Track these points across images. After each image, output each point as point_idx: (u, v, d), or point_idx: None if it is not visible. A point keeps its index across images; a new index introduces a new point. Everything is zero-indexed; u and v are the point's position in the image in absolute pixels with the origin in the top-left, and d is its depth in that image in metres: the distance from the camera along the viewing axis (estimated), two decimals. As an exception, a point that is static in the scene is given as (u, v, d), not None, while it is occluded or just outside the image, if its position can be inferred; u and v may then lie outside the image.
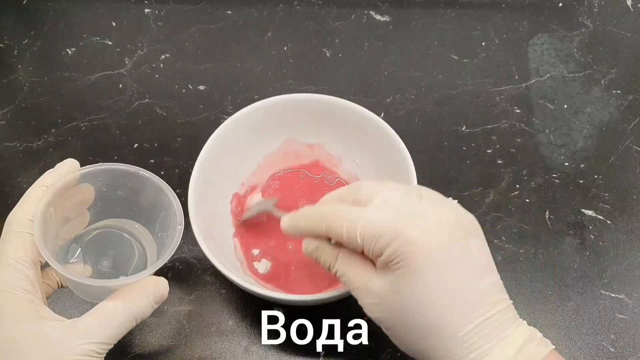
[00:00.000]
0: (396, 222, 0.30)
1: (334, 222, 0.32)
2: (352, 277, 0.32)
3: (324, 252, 0.33)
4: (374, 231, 0.30)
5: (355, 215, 0.31)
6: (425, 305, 0.29)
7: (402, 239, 0.29)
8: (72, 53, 0.59)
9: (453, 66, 0.58)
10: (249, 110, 0.45)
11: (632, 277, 0.46)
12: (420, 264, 0.29)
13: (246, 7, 0.62)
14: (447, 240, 0.30)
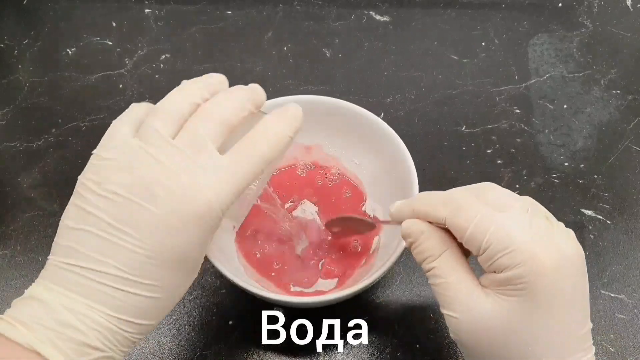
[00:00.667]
0: (533, 244, 0.27)
1: (462, 212, 0.28)
2: (453, 283, 0.29)
3: (430, 241, 0.29)
4: (505, 243, 0.27)
5: (490, 215, 0.27)
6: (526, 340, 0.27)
7: (535, 265, 0.26)
8: (72, 53, 0.59)
9: (453, 66, 0.58)
10: None
11: (632, 277, 0.46)
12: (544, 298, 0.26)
13: (246, 7, 0.62)
14: (574, 277, 0.27)
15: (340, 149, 0.48)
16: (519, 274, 0.27)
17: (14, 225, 0.49)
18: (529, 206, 0.29)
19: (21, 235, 0.48)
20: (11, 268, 0.47)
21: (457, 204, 0.29)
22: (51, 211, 0.49)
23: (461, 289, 0.28)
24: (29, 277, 0.46)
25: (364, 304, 0.44)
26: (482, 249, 0.27)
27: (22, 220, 0.49)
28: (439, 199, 0.30)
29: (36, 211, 0.49)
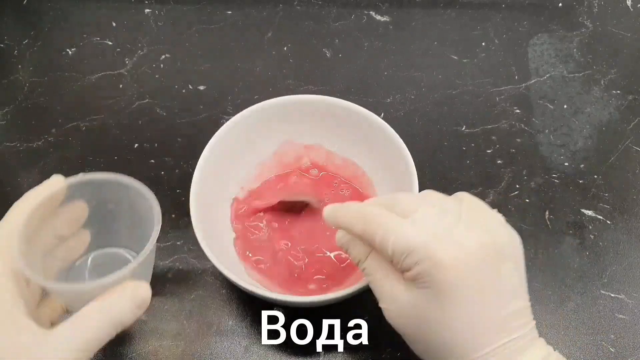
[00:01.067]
0: (429, 243, 0.30)
1: (370, 226, 0.32)
2: (379, 279, 0.32)
3: (356, 247, 0.34)
4: (405, 247, 0.30)
5: (391, 226, 0.31)
6: (445, 327, 0.30)
7: (431, 261, 0.29)
8: (72, 53, 0.59)
9: (453, 66, 0.58)
10: (249, 112, 0.45)
11: (632, 277, 0.46)
12: (445, 289, 0.29)
13: (246, 7, 0.62)
14: (478, 267, 0.30)
15: (341, 149, 0.48)
16: (419, 272, 0.30)
17: (14, 225, 0.48)
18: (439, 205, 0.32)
19: (21, 235, 0.48)
20: (11, 268, 0.46)
21: (367, 219, 0.32)
22: (51, 211, 0.49)
23: (386, 284, 0.32)
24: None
25: (364, 304, 0.44)
26: (389, 257, 0.31)
27: (22, 220, 0.49)
28: (354, 214, 0.33)
29: (36, 211, 0.49)
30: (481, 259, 0.30)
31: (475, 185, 0.50)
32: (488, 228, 0.31)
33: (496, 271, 0.30)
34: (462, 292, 0.29)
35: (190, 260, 0.47)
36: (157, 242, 0.47)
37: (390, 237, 0.30)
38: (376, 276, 0.33)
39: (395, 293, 0.31)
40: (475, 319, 0.29)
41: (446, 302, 0.29)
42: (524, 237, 0.47)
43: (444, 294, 0.29)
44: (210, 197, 0.43)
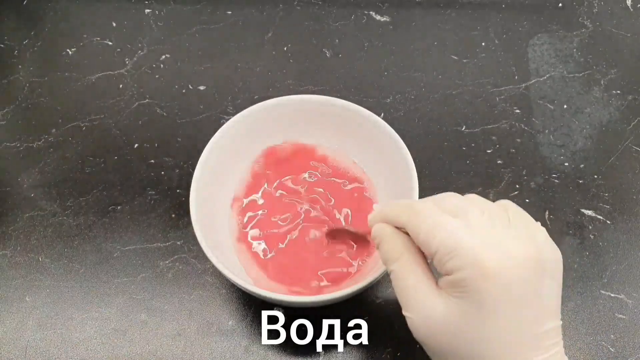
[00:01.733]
0: (477, 248, 0.28)
1: (418, 217, 0.30)
2: (410, 284, 0.30)
3: (392, 243, 0.32)
4: (452, 247, 0.28)
5: (440, 221, 0.29)
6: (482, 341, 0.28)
7: (477, 268, 0.28)
8: (73, 53, 0.59)
9: (453, 66, 0.58)
10: (248, 112, 0.45)
11: (632, 277, 0.46)
12: (488, 301, 0.28)
13: (246, 7, 0.62)
14: (523, 280, 0.28)
15: (340, 149, 0.48)
16: (463, 277, 0.28)
17: (14, 225, 0.49)
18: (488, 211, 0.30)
19: (21, 235, 0.48)
20: (11, 268, 0.47)
21: (415, 210, 0.31)
22: (51, 211, 0.49)
23: (417, 291, 0.30)
24: (28, 277, 0.46)
25: (364, 304, 0.44)
26: (432, 253, 0.29)
27: (22, 220, 0.49)
28: (403, 206, 0.32)
29: (36, 211, 0.49)
30: (527, 272, 0.28)
31: (475, 185, 0.50)
32: (535, 241, 0.30)
33: (539, 287, 0.29)
34: (504, 305, 0.28)
35: (190, 260, 0.47)
36: (157, 242, 0.48)
37: (438, 233, 0.29)
38: (406, 281, 0.30)
39: (426, 301, 0.29)
40: (512, 334, 0.28)
41: (486, 313, 0.28)
42: (524, 237, 0.48)
43: (485, 305, 0.28)
44: (210, 197, 0.43)
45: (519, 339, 0.28)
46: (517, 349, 0.28)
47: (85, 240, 0.48)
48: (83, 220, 0.49)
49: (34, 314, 0.45)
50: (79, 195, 0.50)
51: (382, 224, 0.33)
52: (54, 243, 0.48)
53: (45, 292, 0.45)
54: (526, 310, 0.28)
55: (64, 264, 0.47)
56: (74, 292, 0.45)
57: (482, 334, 0.28)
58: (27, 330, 0.44)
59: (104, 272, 0.46)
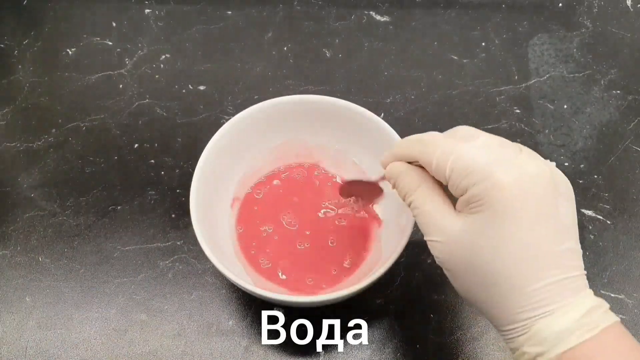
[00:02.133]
0: (490, 165, 0.28)
1: (429, 147, 0.31)
2: (429, 209, 0.31)
3: (408, 178, 0.33)
4: (465, 166, 0.29)
5: (451, 147, 0.30)
6: (499, 253, 0.28)
7: (490, 181, 0.28)
8: (72, 53, 0.59)
9: (453, 66, 0.58)
10: (249, 112, 0.45)
11: (632, 277, 0.46)
12: (502, 210, 0.28)
13: (246, 7, 0.62)
14: (537, 193, 0.28)
15: (340, 148, 0.48)
16: (477, 192, 0.28)
17: (14, 225, 0.49)
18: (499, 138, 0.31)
19: (21, 235, 0.48)
20: (11, 268, 0.47)
21: (426, 141, 0.31)
22: (51, 211, 0.49)
23: (436, 215, 0.31)
24: (29, 277, 0.46)
25: (364, 304, 0.44)
26: (447, 177, 0.30)
27: (22, 220, 0.49)
28: (413, 139, 0.33)
29: (36, 211, 0.49)
30: (541, 185, 0.28)
31: (475, 185, 0.50)
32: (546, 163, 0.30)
33: (553, 203, 0.29)
34: (520, 215, 0.28)
35: (190, 260, 0.47)
36: (157, 242, 0.48)
37: (449, 157, 0.29)
38: (425, 208, 0.31)
39: (445, 223, 0.30)
40: (528, 249, 0.28)
41: (502, 224, 0.28)
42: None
43: (501, 217, 0.28)
44: (210, 197, 0.43)
45: (536, 255, 0.28)
46: (534, 265, 0.28)
47: (85, 240, 0.48)
48: (83, 220, 0.49)
49: (34, 314, 0.45)
50: (79, 195, 0.50)
51: (395, 162, 0.34)
52: (54, 243, 0.48)
53: (45, 292, 0.45)
54: (543, 225, 0.28)
55: (64, 264, 0.47)
56: (74, 292, 0.45)
57: (499, 249, 0.28)
58: (27, 330, 0.44)
59: (104, 272, 0.46)
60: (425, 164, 0.31)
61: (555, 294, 0.28)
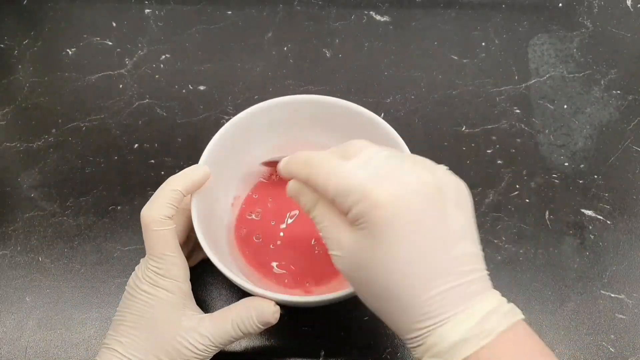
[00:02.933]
0: (368, 182, 0.28)
1: (314, 170, 0.31)
2: (327, 226, 0.31)
3: (306, 195, 0.33)
4: (345, 186, 0.29)
5: (333, 168, 0.30)
6: (387, 269, 0.28)
7: (368, 200, 0.28)
8: (72, 53, 0.59)
9: (453, 66, 0.58)
10: (249, 112, 0.45)
11: (632, 277, 0.46)
12: (383, 229, 0.28)
13: (246, 8, 0.62)
14: (418, 204, 0.28)
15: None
16: (357, 212, 0.28)
17: (14, 225, 0.49)
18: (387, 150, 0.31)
19: (21, 235, 0.48)
20: (11, 268, 0.47)
21: (311, 164, 0.32)
22: (51, 211, 0.49)
23: (333, 230, 0.31)
24: (29, 277, 0.46)
25: (363, 304, 0.44)
26: (331, 199, 0.30)
27: (22, 220, 0.49)
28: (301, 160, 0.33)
29: (36, 211, 0.49)
30: (422, 196, 0.28)
31: (475, 185, 0.50)
32: (431, 170, 0.30)
33: (439, 210, 0.29)
34: (401, 229, 0.28)
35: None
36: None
37: (331, 179, 0.30)
38: (324, 223, 0.31)
39: (341, 238, 0.30)
40: (417, 259, 0.28)
41: (384, 241, 0.28)
42: (524, 237, 0.48)
43: (382, 233, 0.28)
44: (211, 197, 0.43)
45: (429, 264, 0.28)
46: (428, 274, 0.28)
47: (85, 240, 0.48)
48: (83, 220, 0.49)
49: (34, 314, 0.45)
50: (79, 195, 0.50)
51: (292, 181, 0.34)
52: (54, 243, 0.48)
53: (45, 292, 0.45)
54: (426, 236, 0.28)
55: (64, 264, 0.47)
56: (74, 292, 0.45)
57: (386, 262, 0.28)
58: (27, 330, 0.44)
59: (104, 272, 0.46)
60: (313, 187, 0.32)
61: (449, 302, 0.28)
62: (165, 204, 0.37)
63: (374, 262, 0.28)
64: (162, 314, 0.36)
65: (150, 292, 0.36)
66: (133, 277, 0.38)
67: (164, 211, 0.37)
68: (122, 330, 0.36)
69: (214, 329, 0.36)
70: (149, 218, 0.37)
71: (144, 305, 0.36)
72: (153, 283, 0.36)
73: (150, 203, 0.38)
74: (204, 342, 0.35)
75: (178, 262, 0.37)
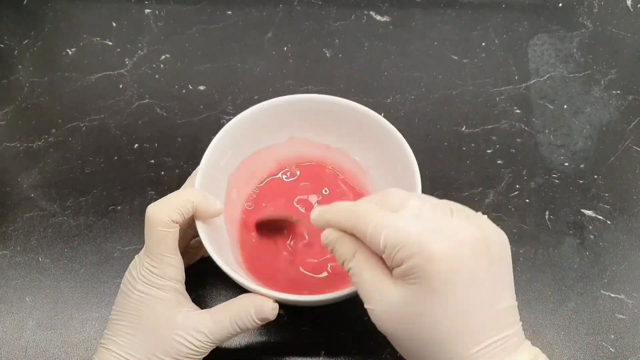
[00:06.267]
0: (422, 236, 0.29)
1: (361, 220, 0.31)
2: (367, 279, 0.31)
3: (344, 245, 0.33)
4: (397, 240, 0.29)
5: (382, 219, 0.30)
6: (437, 324, 0.29)
7: (424, 255, 0.28)
8: (73, 53, 0.59)
9: (453, 66, 0.58)
10: (250, 112, 0.45)
11: (632, 277, 0.46)
12: (438, 284, 0.28)
13: (246, 7, 0.62)
14: (470, 260, 0.29)
15: (341, 148, 0.48)
16: (412, 266, 0.29)
17: (14, 225, 0.49)
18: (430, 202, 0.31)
19: (21, 235, 0.48)
20: (11, 268, 0.47)
21: (357, 214, 0.32)
22: (51, 211, 0.49)
23: (374, 283, 0.31)
24: (29, 277, 0.46)
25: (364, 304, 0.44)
26: (381, 250, 0.30)
27: (22, 220, 0.49)
28: (344, 211, 0.33)
29: (36, 211, 0.49)
30: (473, 252, 0.29)
31: (475, 185, 0.50)
32: (478, 226, 0.31)
33: (487, 264, 0.29)
34: (455, 285, 0.28)
35: (190, 260, 0.47)
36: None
37: (382, 231, 0.30)
38: (363, 276, 0.31)
39: (383, 292, 0.30)
40: (467, 315, 0.29)
41: (438, 296, 0.28)
42: (524, 237, 0.48)
43: (436, 288, 0.28)
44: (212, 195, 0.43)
45: (473, 320, 0.29)
46: (475, 329, 0.29)
47: (85, 240, 0.48)
48: (83, 220, 0.49)
49: (34, 314, 0.45)
50: (79, 195, 0.50)
51: (329, 229, 0.34)
52: (54, 243, 0.48)
53: (45, 292, 0.45)
54: (477, 290, 0.29)
55: (64, 264, 0.47)
56: (74, 292, 0.45)
57: (437, 317, 0.29)
58: (27, 330, 0.44)
59: (104, 272, 0.46)
60: (359, 236, 0.31)
61: (494, 355, 0.29)
62: (176, 209, 0.37)
63: (424, 316, 0.29)
64: (157, 313, 0.36)
65: (145, 292, 0.36)
66: (127, 275, 0.37)
67: (173, 215, 0.37)
68: (118, 329, 0.36)
69: (211, 325, 0.36)
70: (157, 217, 0.37)
71: (139, 304, 0.36)
72: (148, 283, 0.36)
73: (160, 203, 0.37)
74: (201, 338, 0.36)
75: (175, 264, 0.37)
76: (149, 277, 0.36)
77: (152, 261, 0.37)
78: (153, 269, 0.36)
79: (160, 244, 0.37)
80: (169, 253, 0.37)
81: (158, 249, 0.37)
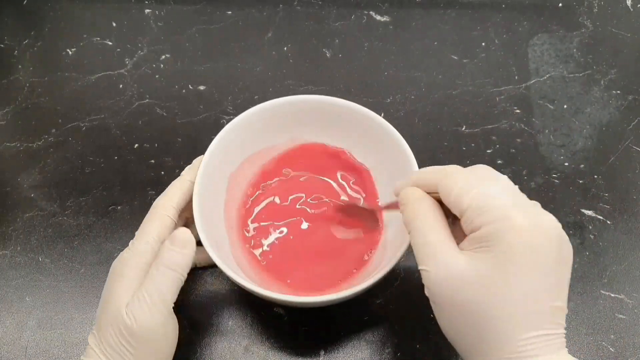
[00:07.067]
0: (508, 206, 0.29)
1: (450, 178, 0.31)
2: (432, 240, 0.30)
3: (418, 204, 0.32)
4: (483, 203, 0.29)
5: (472, 182, 0.30)
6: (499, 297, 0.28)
7: (507, 222, 0.28)
8: (73, 53, 0.59)
9: (453, 66, 0.58)
10: (251, 112, 0.45)
11: (632, 277, 0.46)
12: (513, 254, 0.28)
13: (246, 8, 0.62)
14: (547, 245, 0.28)
15: (342, 148, 0.48)
16: (491, 230, 0.28)
17: (14, 225, 0.49)
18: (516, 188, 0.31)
19: (21, 235, 0.48)
20: (11, 268, 0.47)
21: (447, 171, 0.32)
22: (51, 211, 0.49)
23: (438, 246, 0.30)
24: (29, 277, 0.46)
25: (364, 304, 0.44)
26: (462, 210, 0.30)
27: (22, 220, 0.49)
28: (435, 169, 0.34)
29: (36, 211, 0.49)
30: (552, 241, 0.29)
31: (475, 185, 0.50)
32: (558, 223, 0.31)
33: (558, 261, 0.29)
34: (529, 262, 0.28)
35: (190, 260, 0.46)
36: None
37: (470, 191, 0.30)
38: (429, 238, 0.31)
39: (447, 257, 0.29)
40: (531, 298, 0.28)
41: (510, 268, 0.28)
42: (524, 237, 0.48)
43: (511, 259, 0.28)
44: (212, 198, 0.43)
45: (534, 305, 0.28)
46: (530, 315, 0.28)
47: (85, 240, 0.48)
48: (83, 220, 0.49)
49: (34, 314, 0.45)
50: (79, 195, 0.50)
51: (411, 187, 0.34)
52: (54, 243, 0.48)
53: (45, 292, 0.45)
54: (545, 278, 0.28)
55: (64, 264, 0.47)
56: (74, 292, 0.45)
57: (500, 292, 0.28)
58: (27, 330, 0.44)
59: (104, 272, 0.46)
60: (444, 194, 0.31)
61: (542, 346, 0.28)
62: (177, 193, 0.40)
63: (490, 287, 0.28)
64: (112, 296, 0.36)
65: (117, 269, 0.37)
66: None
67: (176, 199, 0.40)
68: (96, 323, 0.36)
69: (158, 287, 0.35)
70: (158, 202, 0.39)
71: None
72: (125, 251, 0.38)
73: (165, 192, 0.41)
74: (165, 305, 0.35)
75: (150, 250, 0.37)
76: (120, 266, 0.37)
77: (134, 247, 0.38)
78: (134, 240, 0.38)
79: (156, 225, 0.38)
80: (153, 239, 0.38)
81: (151, 232, 0.38)
